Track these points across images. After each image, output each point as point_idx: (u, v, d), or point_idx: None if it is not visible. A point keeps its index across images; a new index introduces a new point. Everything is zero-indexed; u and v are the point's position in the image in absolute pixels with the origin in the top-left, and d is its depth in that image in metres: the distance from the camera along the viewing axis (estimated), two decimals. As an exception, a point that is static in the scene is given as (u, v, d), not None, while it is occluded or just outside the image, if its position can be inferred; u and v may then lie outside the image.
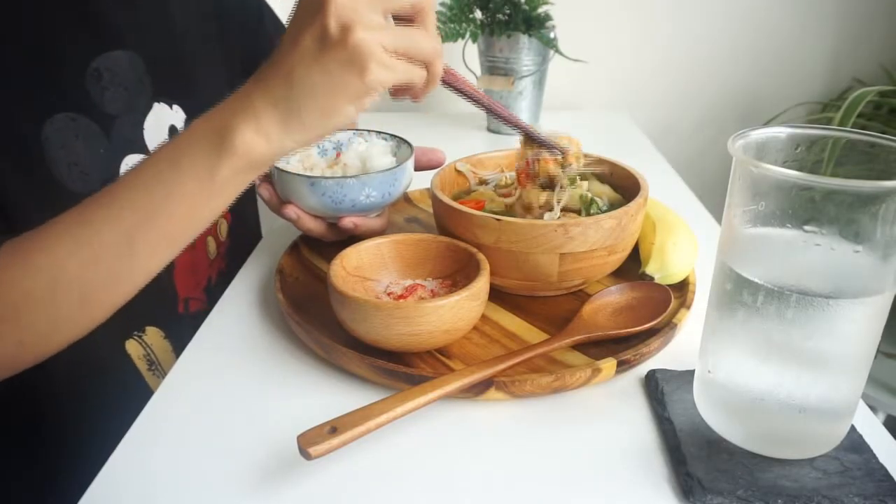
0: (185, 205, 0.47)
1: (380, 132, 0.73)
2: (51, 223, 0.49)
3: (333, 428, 0.41)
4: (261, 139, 0.46)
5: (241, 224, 0.84)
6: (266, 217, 0.92)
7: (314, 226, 0.66)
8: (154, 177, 0.48)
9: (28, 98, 0.58)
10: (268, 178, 0.67)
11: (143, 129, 0.67)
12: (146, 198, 0.47)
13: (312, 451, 0.40)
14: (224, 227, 0.80)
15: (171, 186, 0.47)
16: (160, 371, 0.70)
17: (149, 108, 0.68)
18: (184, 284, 0.74)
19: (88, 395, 0.67)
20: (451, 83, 0.54)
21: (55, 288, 0.48)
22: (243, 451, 0.45)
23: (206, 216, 0.50)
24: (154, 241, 0.49)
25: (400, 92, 0.49)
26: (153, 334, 0.70)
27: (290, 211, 0.64)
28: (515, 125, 0.61)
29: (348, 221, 0.64)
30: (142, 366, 0.69)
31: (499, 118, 0.60)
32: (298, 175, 0.62)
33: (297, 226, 0.66)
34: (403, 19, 0.48)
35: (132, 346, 0.68)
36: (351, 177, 0.62)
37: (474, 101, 0.57)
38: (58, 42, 0.60)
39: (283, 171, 0.64)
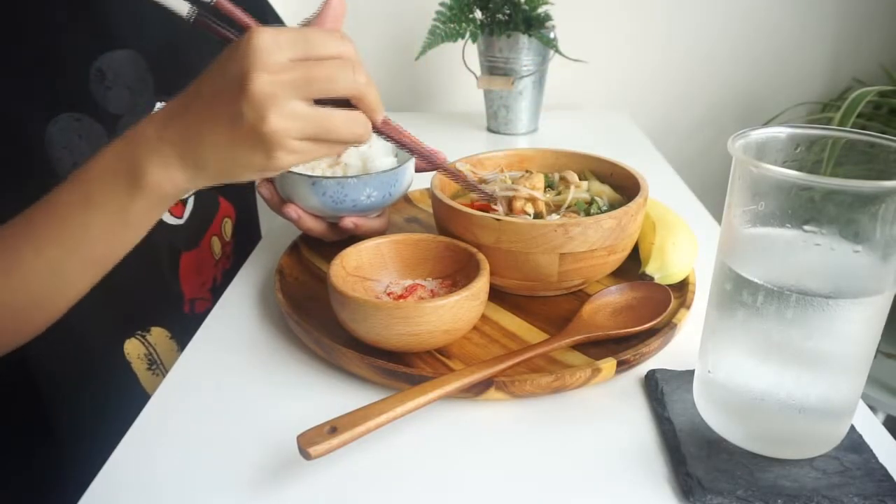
0: (100, 236, 0.49)
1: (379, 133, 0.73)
2: None
3: (333, 428, 0.41)
4: (169, 182, 0.47)
5: (246, 223, 0.85)
6: (266, 217, 0.92)
7: (315, 225, 0.66)
8: (68, 210, 0.49)
9: (31, 99, 0.58)
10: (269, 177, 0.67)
11: None
12: (64, 230, 0.49)
13: (312, 451, 0.40)
14: (229, 227, 0.80)
15: (84, 219, 0.48)
16: (162, 370, 0.70)
17: (151, 107, 0.68)
18: (189, 285, 0.74)
19: (83, 392, 0.67)
20: (386, 134, 0.53)
21: None
22: (243, 451, 0.45)
23: (125, 244, 0.51)
24: (78, 267, 0.51)
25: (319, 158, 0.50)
26: (158, 334, 0.70)
27: (291, 210, 0.65)
28: (454, 177, 0.62)
29: (349, 221, 0.64)
30: (140, 366, 0.69)
31: (438, 169, 0.60)
32: (300, 175, 0.62)
33: (298, 225, 0.66)
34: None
35: (133, 346, 0.68)
36: (352, 177, 0.62)
37: (410, 151, 0.56)
38: (61, 42, 0.60)
39: (286, 171, 0.63)
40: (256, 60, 0.42)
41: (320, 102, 0.45)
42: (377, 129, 0.50)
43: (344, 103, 0.46)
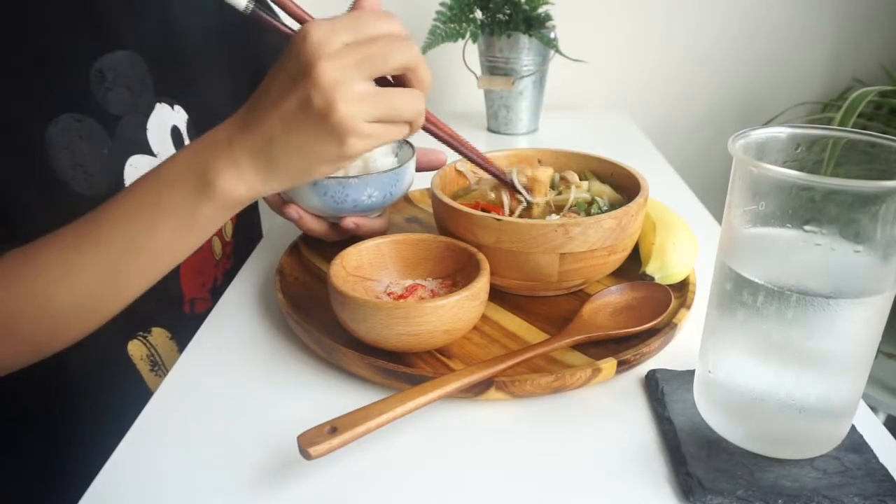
0: (165, 239, 0.50)
1: None
2: (40, 245, 0.51)
3: (333, 428, 0.41)
4: (241, 185, 0.47)
5: (247, 224, 0.85)
6: (266, 217, 0.92)
7: (316, 226, 0.66)
8: (137, 210, 0.49)
9: (32, 99, 0.58)
10: None
11: (146, 129, 0.67)
12: (130, 231, 0.49)
13: (312, 451, 0.40)
14: (229, 228, 0.80)
15: (153, 221, 0.49)
16: (164, 371, 0.70)
17: (151, 107, 0.68)
18: (190, 285, 0.74)
19: (86, 394, 0.67)
20: (430, 129, 0.54)
21: (47, 309, 0.51)
22: (243, 451, 0.45)
23: (187, 249, 0.52)
24: (137, 270, 0.51)
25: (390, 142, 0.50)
26: (159, 335, 0.70)
27: (293, 211, 0.64)
28: (486, 170, 0.61)
29: (350, 221, 0.64)
30: (144, 366, 0.69)
31: (472, 161, 0.60)
32: None
33: (299, 225, 0.66)
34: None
35: (135, 347, 0.68)
36: (353, 177, 0.62)
37: (451, 146, 0.57)
38: (61, 43, 0.60)
39: None
40: (317, 50, 0.43)
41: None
42: (426, 124, 0.51)
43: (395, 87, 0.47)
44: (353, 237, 0.64)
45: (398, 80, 0.48)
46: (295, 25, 0.48)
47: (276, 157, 0.46)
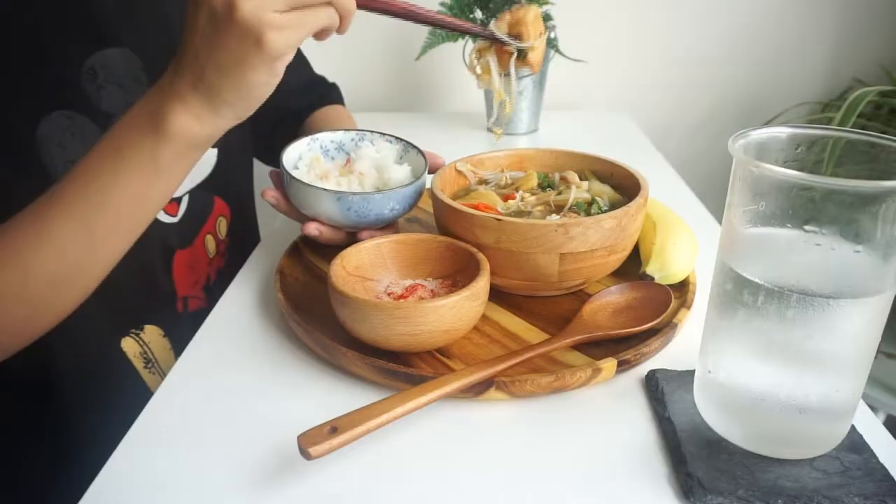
0: (132, 191, 0.49)
1: (384, 134, 0.73)
2: (13, 220, 0.51)
3: (333, 428, 0.41)
4: (193, 121, 0.47)
5: (240, 223, 0.85)
6: (265, 217, 0.92)
7: (333, 237, 0.65)
8: (99, 166, 0.49)
9: (23, 96, 0.58)
10: (275, 185, 0.67)
11: None
12: (95, 187, 0.49)
13: (312, 451, 0.40)
14: (223, 226, 0.80)
15: (117, 174, 0.49)
16: (157, 369, 0.70)
17: None
18: (183, 283, 0.74)
19: (84, 393, 0.67)
20: (371, 6, 0.53)
21: (26, 281, 0.50)
22: (243, 451, 0.45)
23: (157, 198, 0.52)
24: (110, 226, 0.51)
25: (320, 35, 0.48)
26: (152, 332, 0.70)
27: (312, 228, 0.64)
28: (460, 28, 0.57)
29: (366, 234, 0.64)
30: (138, 364, 0.69)
31: (441, 25, 0.56)
32: (325, 190, 0.62)
33: (317, 240, 0.65)
34: None
35: (128, 344, 0.68)
36: (377, 192, 0.62)
37: (400, 13, 0.55)
38: (53, 41, 0.60)
39: (308, 184, 0.63)
40: None
41: None
42: (361, 3, 0.49)
43: None
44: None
45: None
46: None
47: (213, 82, 0.46)
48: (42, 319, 0.54)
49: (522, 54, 0.56)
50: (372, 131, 0.73)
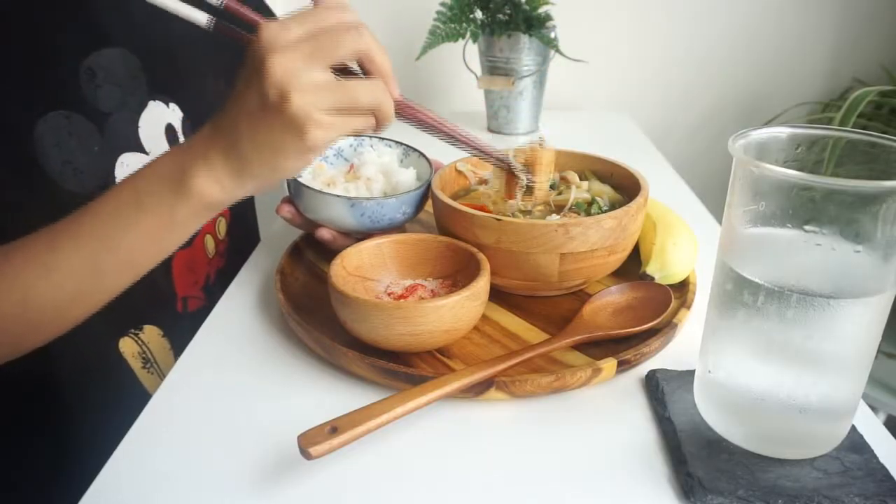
0: (145, 237, 0.51)
1: (382, 138, 0.73)
2: (22, 245, 0.51)
3: (333, 428, 0.41)
4: (216, 186, 0.49)
5: (240, 223, 0.85)
6: (264, 217, 0.92)
7: (346, 243, 0.65)
8: (117, 209, 0.50)
9: (21, 96, 0.58)
10: (287, 198, 0.67)
11: (138, 126, 0.67)
12: (110, 229, 0.50)
13: (312, 451, 0.40)
14: (223, 226, 0.80)
15: (133, 220, 0.50)
16: (156, 369, 0.70)
17: (143, 105, 0.68)
18: (182, 283, 0.74)
19: (82, 393, 0.67)
20: (407, 115, 0.55)
21: (26, 306, 0.51)
22: (243, 451, 0.45)
23: (166, 247, 0.53)
24: (117, 267, 0.52)
25: (356, 133, 0.50)
26: (151, 333, 0.70)
27: (326, 234, 0.65)
28: (481, 152, 0.59)
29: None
30: (136, 364, 0.68)
31: (465, 147, 0.58)
32: (338, 196, 0.62)
33: (331, 246, 0.66)
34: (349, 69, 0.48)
35: (127, 344, 0.68)
36: (391, 197, 0.63)
37: (435, 131, 0.56)
38: (50, 40, 0.60)
39: (320, 192, 0.63)
40: (268, 45, 0.44)
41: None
42: (399, 111, 0.52)
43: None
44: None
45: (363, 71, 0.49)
46: None
47: (245, 157, 0.47)
48: (39, 338, 0.55)
49: (530, 188, 0.60)
50: (371, 136, 0.73)
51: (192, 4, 0.49)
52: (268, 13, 0.90)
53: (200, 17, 0.49)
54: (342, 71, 0.47)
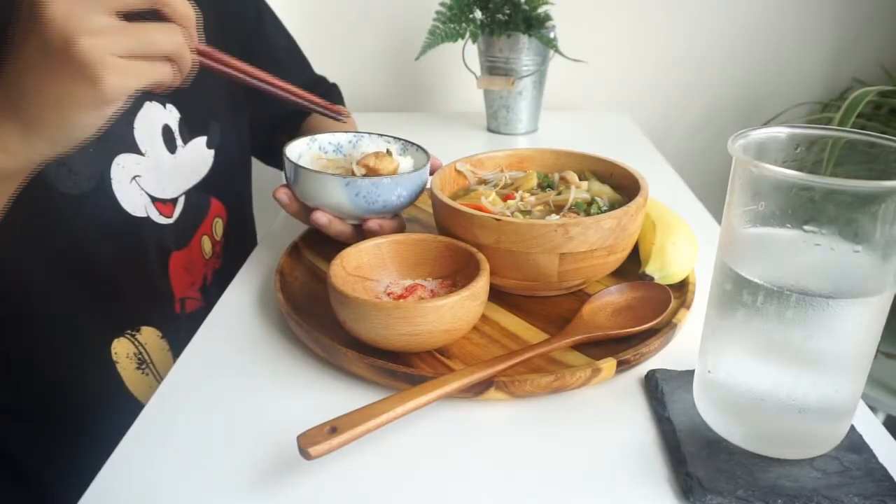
0: None
1: (381, 135, 0.73)
2: None
3: (333, 428, 0.41)
4: (1, 154, 0.45)
5: (237, 224, 0.85)
6: (263, 217, 0.92)
7: (343, 229, 0.65)
8: None
9: None
10: (284, 184, 0.67)
11: (133, 127, 0.67)
12: None
13: (312, 451, 0.40)
14: (220, 227, 0.80)
15: None
16: (152, 370, 0.70)
17: (139, 106, 0.67)
18: (179, 284, 0.74)
19: (81, 393, 0.67)
20: (210, 65, 0.51)
21: None
22: (243, 451, 0.45)
23: None
24: None
25: (152, 88, 0.46)
26: (149, 334, 0.70)
27: (321, 216, 0.63)
28: (296, 99, 0.59)
29: (374, 223, 0.64)
30: (130, 365, 0.68)
31: (280, 95, 0.57)
32: (333, 175, 0.62)
33: (327, 231, 0.65)
34: (142, 15, 0.45)
35: (122, 345, 0.68)
36: (385, 177, 0.62)
37: (242, 80, 0.54)
38: None
39: (316, 171, 0.63)
40: None
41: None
42: (204, 58, 0.49)
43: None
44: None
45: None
46: None
47: (32, 114, 0.44)
48: None
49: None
50: (370, 133, 0.73)
51: None
52: (267, 12, 0.90)
53: None
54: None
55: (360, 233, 0.66)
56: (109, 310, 0.68)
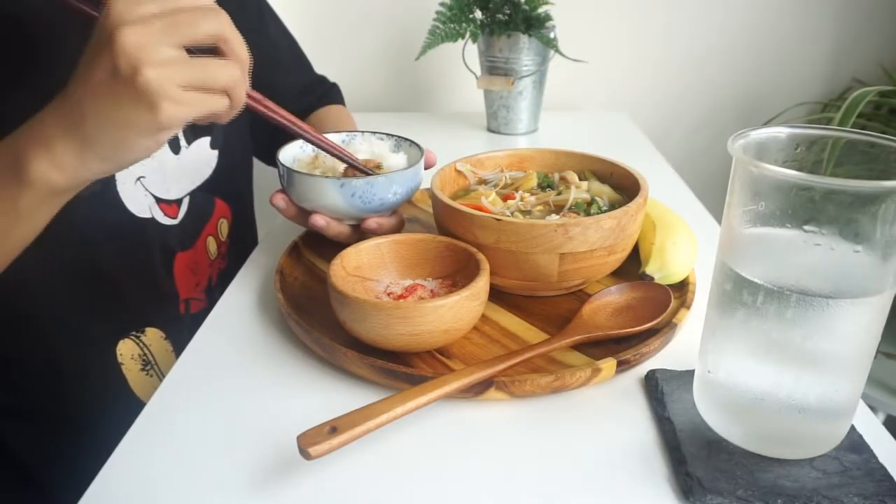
0: None
1: (375, 132, 0.73)
2: None
3: (333, 428, 0.41)
4: (55, 170, 0.46)
5: (242, 224, 0.85)
6: (263, 217, 0.92)
7: (341, 230, 0.65)
8: None
9: (16, 99, 0.58)
10: (281, 189, 0.66)
11: None
12: None
13: (312, 451, 0.40)
14: (225, 228, 0.80)
15: None
16: (156, 371, 0.70)
17: None
18: (184, 285, 0.74)
19: (83, 392, 0.67)
20: (256, 108, 0.54)
21: None
22: (243, 451, 0.45)
23: (17, 241, 0.51)
24: None
25: (204, 120, 0.48)
26: (153, 335, 0.70)
27: (319, 219, 0.63)
28: (332, 152, 0.63)
29: (372, 222, 0.63)
30: (134, 366, 0.69)
31: (315, 145, 0.61)
32: (327, 178, 0.62)
33: (325, 232, 0.65)
34: (205, 49, 0.46)
35: (127, 346, 0.68)
36: (380, 175, 0.62)
37: (284, 126, 0.57)
38: (48, 41, 0.60)
39: (310, 175, 0.63)
40: (119, 18, 0.42)
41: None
42: (250, 103, 0.51)
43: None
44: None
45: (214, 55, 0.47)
46: None
47: (90, 134, 0.45)
48: None
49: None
50: (363, 132, 0.73)
51: None
52: (268, 12, 0.90)
53: None
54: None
55: (360, 232, 0.66)
56: (114, 311, 0.68)
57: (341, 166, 0.68)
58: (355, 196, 0.62)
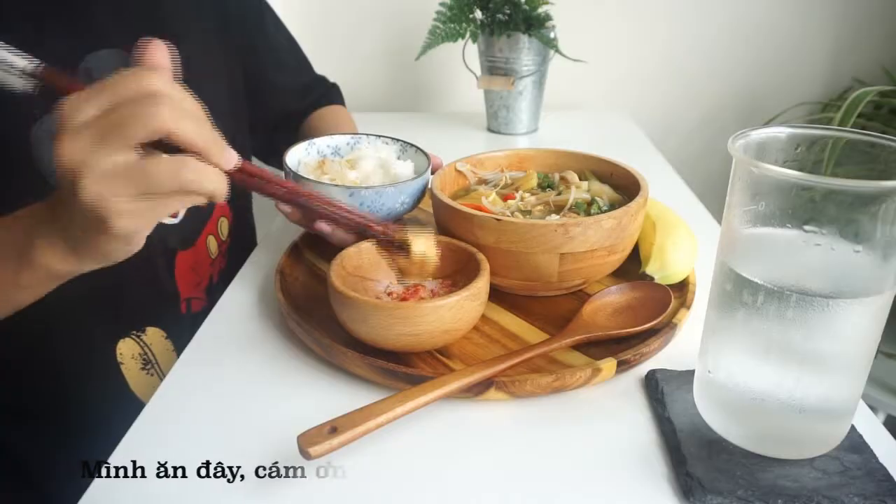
0: None
1: (380, 136, 0.73)
2: None
3: (333, 428, 0.41)
4: (57, 260, 0.46)
5: (242, 223, 0.85)
6: (263, 218, 0.92)
7: (346, 237, 0.64)
8: None
9: (16, 100, 0.58)
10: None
11: None
12: None
13: (312, 451, 0.40)
14: (225, 227, 0.80)
15: None
16: (157, 371, 0.70)
17: None
18: (185, 284, 0.74)
19: (82, 392, 0.67)
20: (252, 186, 0.50)
21: None
22: (243, 451, 0.45)
23: (16, 304, 0.52)
24: None
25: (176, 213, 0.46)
26: (154, 334, 0.70)
27: (324, 225, 0.62)
28: (350, 225, 0.58)
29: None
30: (135, 365, 0.68)
31: (342, 219, 0.56)
32: (336, 186, 0.62)
33: (331, 238, 0.64)
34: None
35: (127, 346, 0.68)
36: (390, 185, 0.63)
37: (294, 202, 0.54)
38: (46, 42, 0.60)
39: (319, 182, 0.63)
40: (60, 129, 0.39)
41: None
42: (236, 178, 0.45)
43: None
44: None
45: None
46: None
47: (76, 237, 0.44)
48: None
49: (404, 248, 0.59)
50: (368, 134, 0.73)
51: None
52: (268, 12, 0.90)
53: (18, 83, 0.43)
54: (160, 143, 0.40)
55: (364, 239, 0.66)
56: (114, 310, 0.68)
57: (349, 172, 0.68)
58: (364, 205, 0.62)
